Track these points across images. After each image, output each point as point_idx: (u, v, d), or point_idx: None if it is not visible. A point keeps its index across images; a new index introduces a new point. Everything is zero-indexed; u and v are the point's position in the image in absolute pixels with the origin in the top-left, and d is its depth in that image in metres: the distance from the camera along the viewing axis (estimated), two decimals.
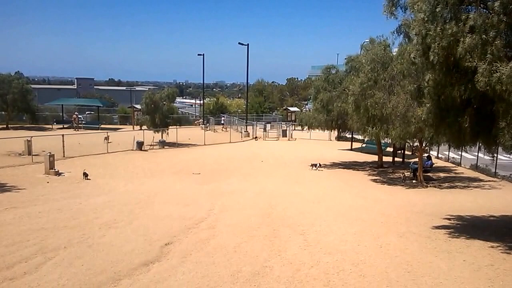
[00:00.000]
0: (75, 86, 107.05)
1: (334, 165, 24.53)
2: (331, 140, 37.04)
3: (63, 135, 24.09)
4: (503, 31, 7.40)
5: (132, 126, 40.97)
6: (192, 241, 9.20)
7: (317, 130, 26.80)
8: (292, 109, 56.26)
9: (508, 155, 14.29)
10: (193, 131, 38.68)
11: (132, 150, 27.45)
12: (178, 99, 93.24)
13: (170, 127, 31.85)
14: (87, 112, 52.74)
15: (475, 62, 7.26)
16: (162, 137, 30.84)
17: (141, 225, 10.58)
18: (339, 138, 36.26)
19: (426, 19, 7.86)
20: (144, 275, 7.30)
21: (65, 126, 41.10)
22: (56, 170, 18.42)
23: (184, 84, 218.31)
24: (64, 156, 22.78)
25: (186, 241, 9.20)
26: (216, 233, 9.92)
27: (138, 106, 39.97)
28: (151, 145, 29.62)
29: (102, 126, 39.79)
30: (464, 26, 7.46)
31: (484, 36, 7.23)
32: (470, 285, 6.78)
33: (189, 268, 7.59)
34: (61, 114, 45.95)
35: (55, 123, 42.38)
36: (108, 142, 26.60)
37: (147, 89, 50.76)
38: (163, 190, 15.60)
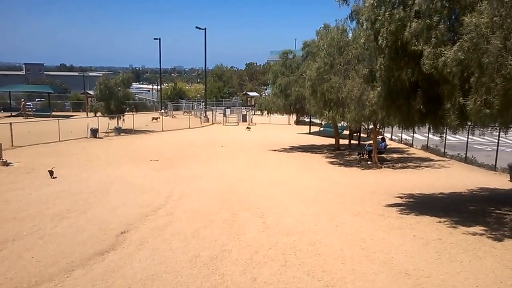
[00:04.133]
0: (23, 72, 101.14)
1: (293, 148, 24.90)
2: (290, 124, 37.49)
3: (10, 123, 22.72)
4: (446, 16, 7.73)
5: (85, 113, 39.40)
6: (149, 229, 9.08)
7: (276, 114, 27.05)
8: (251, 94, 56.29)
9: (455, 136, 15.07)
10: (151, 117, 37.84)
11: (86, 137, 26.46)
12: (135, 85, 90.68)
13: (126, 113, 30.96)
14: (37, 99, 50.24)
15: (421, 46, 7.55)
16: (118, 124, 29.93)
17: (95, 214, 10.29)
18: (298, 122, 36.81)
19: (375, 4, 8.05)
20: (98, 265, 7.14)
21: (13, 114, 38.91)
22: (4, 160, 17.43)
23: (140, 69, 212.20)
24: (12, 146, 21.55)
25: (143, 229, 9.07)
26: (174, 219, 9.83)
27: (92, 92, 38.45)
28: (106, 132, 28.69)
29: (54, 113, 38.02)
30: (410, 11, 7.71)
31: (428, 21, 7.52)
32: (419, 259, 7.16)
33: (145, 255, 7.51)
34: (8, 101, 43.41)
35: (2, 111, 40.10)
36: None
37: (101, 74, 48.74)
38: (119, 178, 15.20)
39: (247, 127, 32.82)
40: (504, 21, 6.66)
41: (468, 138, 18.01)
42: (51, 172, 15.08)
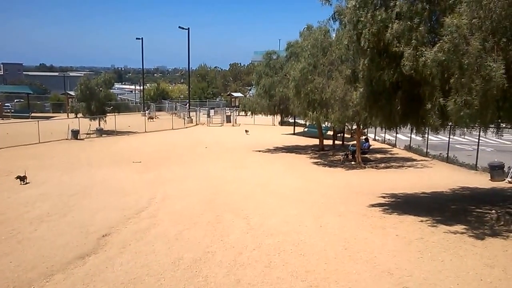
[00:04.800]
0: (1, 72, 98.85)
1: (278, 149, 24.94)
2: (274, 125, 37.55)
3: None
4: (427, 18, 7.85)
5: (66, 114, 38.71)
6: (132, 231, 8.95)
7: (261, 115, 27.02)
8: (235, 94, 56.13)
9: (437, 136, 15.27)
10: (133, 118, 37.41)
11: (67, 139, 26.02)
12: (117, 85, 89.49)
13: (108, 114, 30.54)
14: (15, 100, 49.12)
15: (402, 47, 7.64)
16: (99, 125, 29.53)
17: (76, 217, 10.10)
18: (282, 123, 36.89)
19: (357, 6, 8.11)
20: (79, 269, 7.02)
21: None
22: None
23: (123, 69, 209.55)
24: None
25: (125, 232, 8.94)
26: (157, 222, 9.72)
27: (73, 93, 37.86)
28: (87, 134, 28.27)
29: (33, 114, 37.28)
30: (391, 12, 7.80)
31: (409, 22, 7.62)
32: (402, 258, 7.23)
33: (127, 258, 7.40)
34: None
35: None
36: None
37: (82, 74, 48.09)
38: (100, 180, 14.96)
39: (246, 130, 31.84)
40: (483, 23, 6.78)
41: (449, 138, 18.31)
42: (22, 178, 13.97)
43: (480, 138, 17.36)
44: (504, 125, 9.81)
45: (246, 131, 31.43)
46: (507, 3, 6.58)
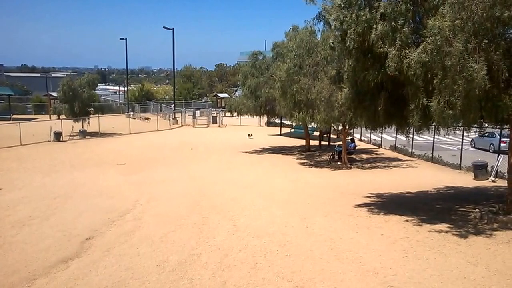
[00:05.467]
0: None
1: (264, 150, 24.94)
2: (261, 126, 37.56)
3: None
4: (411, 19, 7.93)
5: (48, 116, 38.01)
6: (116, 234, 8.81)
7: (247, 116, 26.96)
8: (221, 95, 55.91)
9: (422, 136, 15.45)
10: (118, 119, 36.97)
11: (49, 141, 25.55)
12: (101, 86, 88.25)
13: (92, 115, 30.11)
14: None
15: (386, 48, 7.70)
16: (82, 127, 29.09)
17: (59, 220, 9.91)
18: (268, 123, 36.93)
19: (342, 5, 8.15)
20: (62, 273, 6.87)
21: None
22: None
23: (106, 70, 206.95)
24: None
25: (109, 234, 8.80)
26: (142, 224, 9.59)
27: (55, 94, 37.18)
28: (70, 136, 27.83)
29: (14, 116, 36.53)
30: (376, 13, 7.86)
31: (393, 23, 7.69)
32: (387, 257, 7.28)
33: (111, 261, 7.27)
34: None
35: None
36: None
37: (65, 75, 47.26)
38: (84, 183, 14.71)
39: (249, 134, 30.41)
40: (465, 24, 6.88)
41: (434, 138, 18.57)
42: None
43: (464, 138, 17.66)
44: (486, 125, 9.98)
45: (249, 134, 30.45)
46: (489, 5, 6.69)
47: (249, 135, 30.64)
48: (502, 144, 16.30)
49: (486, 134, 21.40)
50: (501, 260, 6.93)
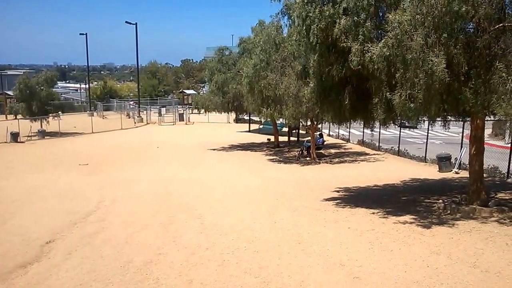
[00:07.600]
0: None
1: (233, 147, 24.78)
2: (229, 122, 37.34)
3: None
4: (373, 13, 8.03)
5: (4, 116, 36.24)
6: (78, 236, 8.49)
7: (215, 112, 26.67)
8: (188, 92, 55.11)
9: (389, 130, 15.70)
10: (79, 118, 35.75)
11: (5, 142, 24.38)
12: (60, 84, 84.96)
13: (51, 115, 28.97)
14: None
15: (349, 42, 7.76)
16: (41, 127, 27.93)
17: (17, 224, 9.47)
18: (237, 120, 36.77)
19: (306, 1, 8.14)
20: (20, 278, 6.57)
21: None
22: None
23: (66, 66, 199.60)
24: None
25: (71, 237, 8.47)
26: (106, 225, 9.29)
27: (11, 93, 35.54)
28: (28, 136, 26.64)
29: None
30: (339, 8, 7.91)
31: (356, 18, 7.77)
32: (353, 249, 7.37)
33: (73, 264, 7.00)
34: None
35: None
36: None
37: (22, 73, 45.25)
38: (44, 185, 14.09)
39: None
40: (425, 19, 7.02)
41: (400, 132, 19.00)
42: None
43: (430, 131, 18.18)
44: (450, 118, 10.28)
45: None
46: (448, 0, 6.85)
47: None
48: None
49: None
50: (462, 248, 7.15)
